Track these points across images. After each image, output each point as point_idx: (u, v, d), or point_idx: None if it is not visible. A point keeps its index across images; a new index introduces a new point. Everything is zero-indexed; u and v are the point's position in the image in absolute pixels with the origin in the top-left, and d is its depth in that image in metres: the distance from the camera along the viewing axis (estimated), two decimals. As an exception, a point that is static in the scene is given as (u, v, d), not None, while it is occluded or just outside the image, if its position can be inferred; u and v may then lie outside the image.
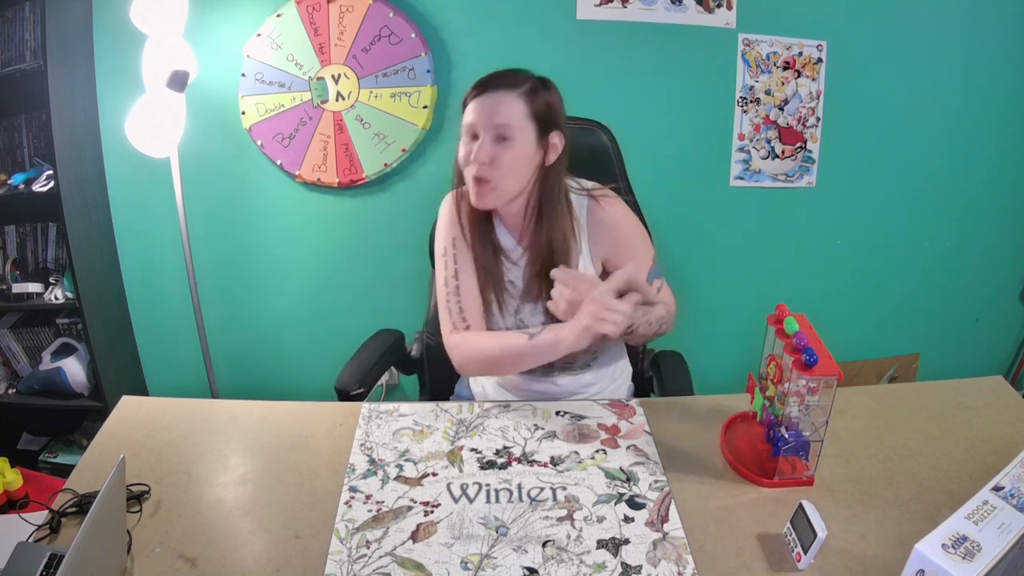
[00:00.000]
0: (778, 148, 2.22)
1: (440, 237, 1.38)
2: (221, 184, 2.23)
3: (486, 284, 1.35)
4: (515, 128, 1.23)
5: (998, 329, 2.53)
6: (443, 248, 1.37)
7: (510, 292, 1.37)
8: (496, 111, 1.23)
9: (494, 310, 1.36)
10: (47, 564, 0.96)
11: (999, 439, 1.21)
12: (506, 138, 1.23)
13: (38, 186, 2.02)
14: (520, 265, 1.36)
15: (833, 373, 1.03)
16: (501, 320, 1.37)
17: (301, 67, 2.10)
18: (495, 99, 1.23)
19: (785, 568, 0.98)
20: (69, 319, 2.24)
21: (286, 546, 1.03)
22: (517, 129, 1.23)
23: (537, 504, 1.09)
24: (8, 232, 2.20)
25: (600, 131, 1.58)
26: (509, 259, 1.37)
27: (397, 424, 1.29)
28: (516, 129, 1.23)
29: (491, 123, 1.23)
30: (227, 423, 1.31)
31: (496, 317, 1.37)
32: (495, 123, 1.23)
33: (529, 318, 1.37)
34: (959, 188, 2.31)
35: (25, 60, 1.95)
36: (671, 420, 1.29)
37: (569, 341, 1.19)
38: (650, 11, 2.07)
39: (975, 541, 0.84)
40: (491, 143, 1.23)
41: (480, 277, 1.35)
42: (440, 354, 1.60)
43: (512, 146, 1.23)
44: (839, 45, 2.13)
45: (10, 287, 2.12)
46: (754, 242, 2.35)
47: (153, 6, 1.84)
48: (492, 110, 1.23)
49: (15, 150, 2.15)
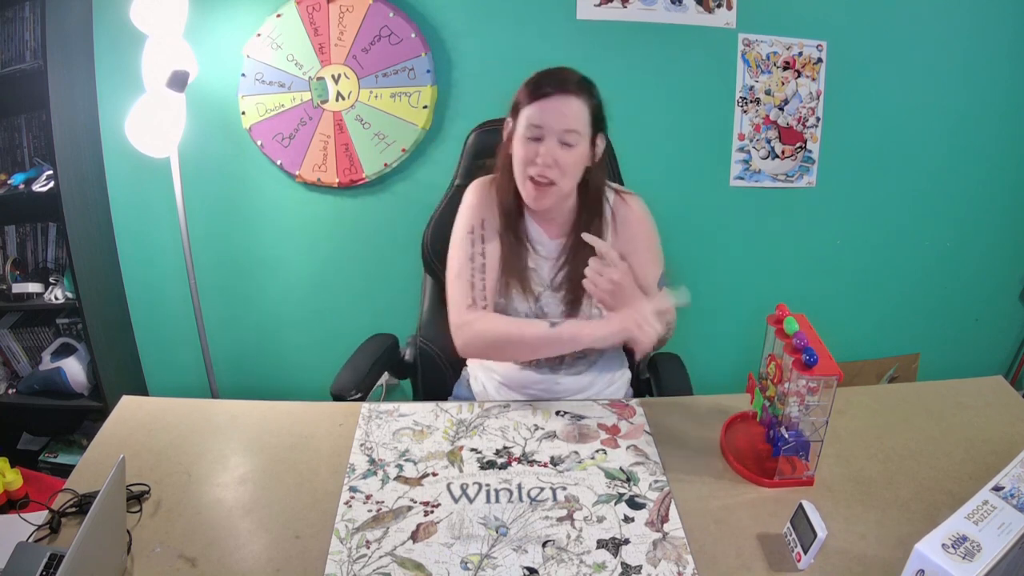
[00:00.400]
0: (778, 148, 2.22)
1: (467, 215, 1.39)
2: (221, 184, 2.23)
3: (509, 270, 1.37)
4: (581, 134, 1.26)
5: (998, 329, 2.53)
6: (470, 226, 1.38)
7: (533, 280, 1.38)
8: (566, 116, 1.24)
9: (514, 295, 1.38)
10: (47, 564, 0.96)
11: (999, 439, 1.21)
12: (570, 143, 1.25)
13: (38, 186, 2.02)
14: (551, 258, 1.38)
15: (833, 373, 1.03)
16: (521, 305, 1.38)
17: (301, 67, 2.10)
18: (564, 103, 1.24)
19: (785, 568, 0.98)
20: (69, 319, 2.24)
21: (286, 546, 1.03)
22: (582, 135, 1.26)
23: (537, 504, 1.09)
24: (8, 232, 2.20)
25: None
26: (538, 252, 1.39)
27: (397, 424, 1.29)
28: (582, 135, 1.26)
29: (560, 127, 1.25)
30: (227, 423, 1.31)
31: (516, 302, 1.38)
32: (564, 127, 1.25)
33: (548, 307, 1.39)
34: (959, 188, 2.31)
35: (25, 60, 1.95)
36: (671, 420, 1.29)
37: (595, 336, 1.23)
38: (650, 11, 2.07)
39: (975, 541, 0.84)
40: (557, 146, 1.25)
41: (503, 262, 1.37)
42: (433, 359, 1.61)
43: (573, 151, 1.26)
44: (839, 45, 2.13)
45: (10, 287, 2.12)
46: (754, 242, 2.35)
47: (153, 6, 1.84)
48: (562, 114, 1.24)
49: (15, 150, 2.15)
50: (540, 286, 1.39)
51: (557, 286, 1.38)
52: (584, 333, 1.24)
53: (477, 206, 1.39)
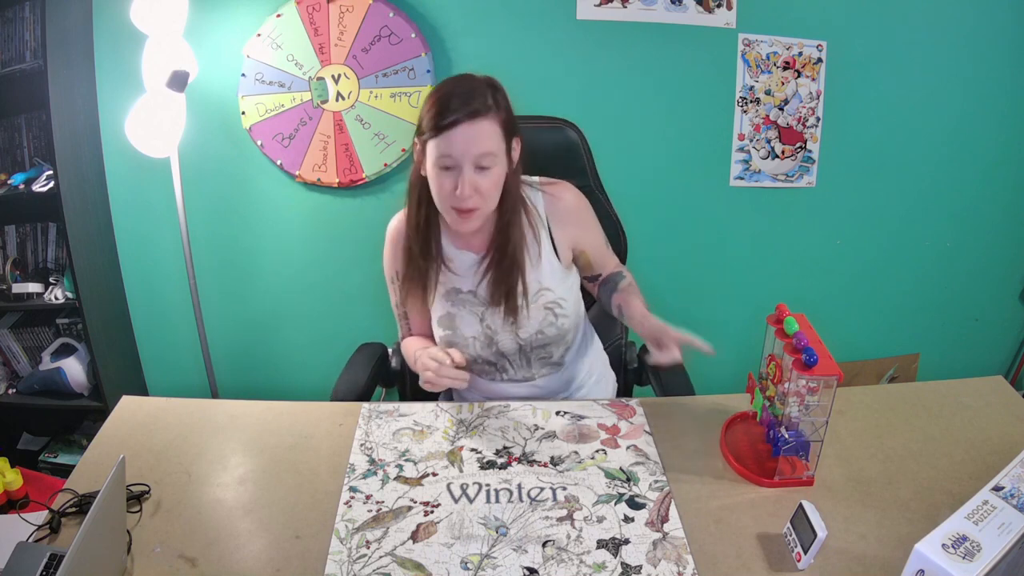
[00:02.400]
0: (778, 148, 2.22)
1: (386, 265, 1.41)
2: (221, 184, 2.23)
3: (445, 298, 1.36)
4: (496, 154, 1.19)
5: (998, 329, 2.53)
6: (390, 275, 1.41)
7: (472, 302, 1.35)
8: (477, 142, 1.16)
9: (457, 322, 1.36)
10: (47, 564, 0.96)
11: (999, 439, 1.21)
12: (487, 166, 1.19)
13: (38, 186, 2.02)
14: (478, 274, 1.33)
15: (833, 373, 1.03)
16: (468, 329, 1.36)
17: (301, 67, 2.10)
18: (473, 129, 1.15)
19: (785, 568, 0.98)
20: (69, 319, 2.24)
21: (286, 546, 1.03)
22: (498, 154, 1.19)
23: (537, 504, 1.09)
24: (8, 232, 2.20)
25: (568, 128, 1.53)
26: (462, 271, 1.34)
27: (397, 424, 1.29)
28: (497, 155, 1.19)
29: (474, 153, 1.16)
30: (227, 423, 1.31)
31: (460, 327, 1.36)
32: (478, 153, 1.16)
33: (494, 322, 1.35)
34: (959, 188, 2.31)
35: (25, 60, 1.95)
36: (671, 420, 1.29)
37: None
38: (650, 11, 2.07)
39: (975, 541, 0.84)
40: (474, 173, 1.18)
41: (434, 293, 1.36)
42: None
43: (491, 172, 1.20)
44: (839, 45, 2.13)
45: (10, 287, 2.12)
46: (754, 242, 2.35)
47: (153, 6, 1.84)
48: (473, 142, 1.16)
49: (15, 150, 2.15)
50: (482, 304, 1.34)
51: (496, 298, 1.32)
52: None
53: (390, 257, 1.39)
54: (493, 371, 1.42)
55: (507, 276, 1.29)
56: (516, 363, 1.40)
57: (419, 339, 1.44)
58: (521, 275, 1.30)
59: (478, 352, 1.37)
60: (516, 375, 1.42)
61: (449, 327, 1.37)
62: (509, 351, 1.38)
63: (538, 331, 1.35)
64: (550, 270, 1.34)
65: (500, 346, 1.37)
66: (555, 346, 1.39)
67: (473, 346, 1.37)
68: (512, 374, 1.42)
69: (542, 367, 1.42)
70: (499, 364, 1.40)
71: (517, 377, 1.42)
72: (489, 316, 1.35)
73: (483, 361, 1.40)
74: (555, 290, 1.35)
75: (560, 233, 1.35)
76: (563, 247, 1.36)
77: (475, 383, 1.45)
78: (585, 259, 1.40)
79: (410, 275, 1.35)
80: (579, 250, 1.38)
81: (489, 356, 1.38)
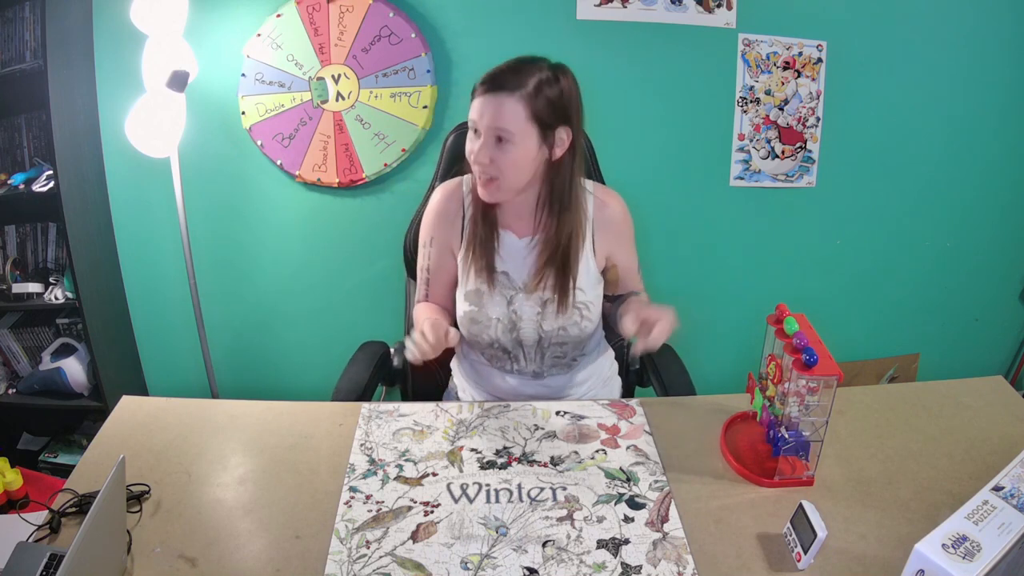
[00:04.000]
0: (778, 148, 2.22)
1: (424, 226, 1.41)
2: (221, 184, 2.23)
3: (479, 272, 1.35)
4: (514, 132, 1.22)
5: (998, 329, 2.53)
6: (425, 239, 1.41)
7: (503, 284, 1.36)
8: (496, 115, 1.21)
9: (484, 300, 1.37)
10: (47, 564, 0.96)
11: (999, 439, 1.21)
12: (505, 140, 1.22)
13: (38, 186, 2.02)
14: (523, 258, 1.36)
15: (833, 373, 1.03)
16: (494, 310, 1.37)
17: (301, 67, 2.10)
18: (496, 102, 1.21)
19: (785, 568, 0.98)
20: (69, 319, 2.24)
21: (286, 546, 1.03)
22: (517, 133, 1.22)
23: (537, 504, 1.09)
24: (8, 232, 2.20)
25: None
26: (509, 252, 1.36)
27: (397, 424, 1.29)
28: (515, 133, 1.22)
29: (491, 125, 1.22)
30: (227, 423, 1.31)
31: (487, 308, 1.37)
32: (495, 126, 1.22)
33: (522, 308, 1.36)
34: (959, 188, 2.31)
35: (25, 60, 1.95)
36: (671, 420, 1.29)
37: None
38: (650, 11, 2.07)
39: (975, 541, 0.84)
40: (491, 144, 1.23)
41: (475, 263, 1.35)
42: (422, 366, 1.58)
43: (511, 148, 1.22)
44: (839, 45, 2.13)
45: (10, 287, 2.12)
46: (754, 242, 2.35)
47: (153, 6, 1.84)
48: (492, 113, 1.21)
49: (15, 150, 2.15)
50: (512, 288, 1.36)
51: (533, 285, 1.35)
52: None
53: (432, 221, 1.40)
54: (506, 359, 1.42)
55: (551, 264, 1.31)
56: (530, 356, 1.41)
57: (431, 307, 1.43)
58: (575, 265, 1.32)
59: (497, 336, 1.38)
60: (526, 368, 1.42)
61: (476, 303, 1.37)
62: (527, 341, 1.38)
63: (561, 327, 1.36)
64: (585, 272, 1.35)
65: (521, 333, 1.37)
66: (571, 347, 1.41)
67: (495, 328, 1.37)
68: (523, 366, 1.42)
69: (553, 365, 1.43)
70: (513, 353, 1.41)
71: (527, 371, 1.43)
72: (518, 301, 1.36)
73: (499, 347, 1.40)
74: (587, 292, 1.36)
75: (600, 238, 1.37)
76: (600, 254, 1.37)
77: (484, 376, 1.46)
78: (614, 274, 1.39)
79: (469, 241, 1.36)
80: (611, 263, 1.39)
81: (507, 343, 1.39)
